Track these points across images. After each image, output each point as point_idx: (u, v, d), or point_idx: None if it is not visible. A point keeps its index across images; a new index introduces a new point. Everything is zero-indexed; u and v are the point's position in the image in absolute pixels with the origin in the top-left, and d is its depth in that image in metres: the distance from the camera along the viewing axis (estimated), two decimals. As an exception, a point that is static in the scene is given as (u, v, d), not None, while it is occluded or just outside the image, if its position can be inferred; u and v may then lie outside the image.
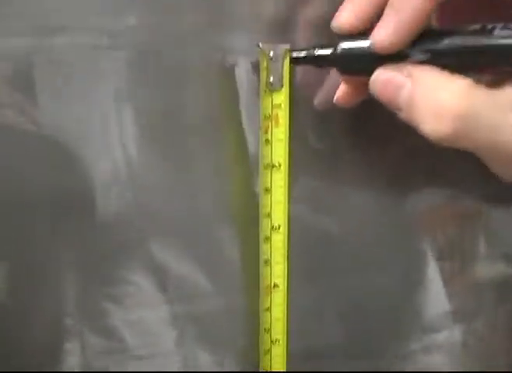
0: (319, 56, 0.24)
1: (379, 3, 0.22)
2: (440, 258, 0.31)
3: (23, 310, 0.26)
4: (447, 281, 0.32)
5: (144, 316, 0.27)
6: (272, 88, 0.24)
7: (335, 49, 0.23)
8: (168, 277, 0.27)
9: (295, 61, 0.25)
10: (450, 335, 0.32)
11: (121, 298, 0.27)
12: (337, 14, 0.23)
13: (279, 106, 0.25)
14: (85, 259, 0.26)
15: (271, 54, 0.24)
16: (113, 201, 0.26)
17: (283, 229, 0.26)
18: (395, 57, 0.22)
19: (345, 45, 0.23)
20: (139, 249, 0.27)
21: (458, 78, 0.22)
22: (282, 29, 0.26)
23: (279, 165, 0.25)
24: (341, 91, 0.25)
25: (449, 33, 0.22)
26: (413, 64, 0.22)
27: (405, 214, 0.30)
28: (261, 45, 0.24)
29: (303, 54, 0.24)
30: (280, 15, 0.26)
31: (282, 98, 0.25)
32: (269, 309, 0.27)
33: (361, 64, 0.23)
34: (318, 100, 0.27)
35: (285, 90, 0.25)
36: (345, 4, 0.23)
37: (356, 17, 0.23)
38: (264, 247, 0.26)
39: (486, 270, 0.32)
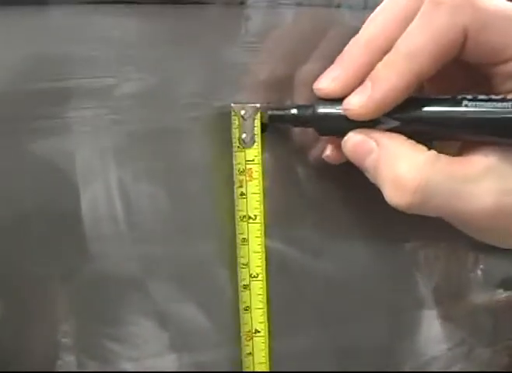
0: (296, 116, 0.25)
1: (362, 76, 0.23)
2: (437, 294, 0.32)
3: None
4: (444, 317, 0.33)
5: (145, 354, 0.28)
6: (245, 145, 0.26)
7: (313, 111, 0.24)
8: (168, 318, 0.27)
9: (272, 119, 0.25)
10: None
11: (122, 337, 0.27)
12: (320, 77, 0.24)
13: (253, 161, 0.26)
14: (85, 301, 0.26)
15: (243, 112, 0.25)
16: (111, 244, 0.26)
17: (262, 277, 0.27)
18: (368, 122, 0.23)
19: (322, 109, 0.24)
20: (139, 291, 0.27)
21: (421, 150, 0.23)
22: (280, 90, 0.27)
23: (255, 217, 0.26)
24: (329, 149, 0.26)
25: (420, 102, 0.23)
26: (383, 130, 0.23)
27: (399, 254, 0.31)
28: (233, 105, 0.25)
29: (280, 113, 0.25)
30: (278, 75, 0.26)
31: (255, 153, 0.26)
32: (252, 354, 0.28)
33: (336, 127, 0.24)
34: (313, 155, 0.28)
35: (258, 146, 0.26)
36: (330, 69, 0.24)
37: (337, 84, 0.24)
38: (243, 295, 0.27)
39: (485, 299, 0.33)
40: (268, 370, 0.28)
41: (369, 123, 0.23)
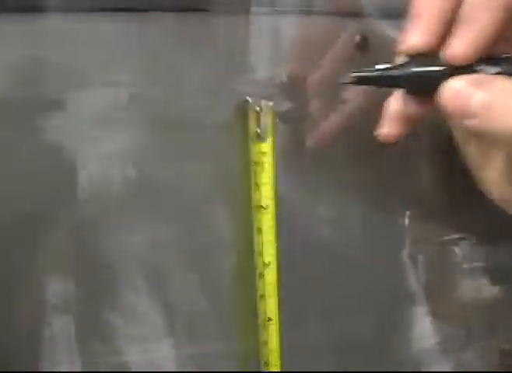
0: (386, 77, 0.24)
1: (447, 20, 0.23)
2: (427, 290, 0.32)
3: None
4: (434, 312, 0.33)
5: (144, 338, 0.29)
6: (259, 139, 0.28)
7: (405, 71, 0.23)
8: (170, 305, 0.29)
9: (357, 81, 0.24)
10: (441, 367, 0.33)
11: (124, 315, 0.28)
12: (405, 36, 0.24)
13: (265, 153, 0.28)
14: (89, 285, 0.27)
15: (258, 109, 0.28)
16: (118, 228, 0.27)
17: (273, 266, 0.28)
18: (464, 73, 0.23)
19: (416, 68, 0.23)
20: (143, 277, 0.28)
21: None
22: (286, 94, 0.28)
23: (267, 207, 0.28)
24: (386, 126, 0.25)
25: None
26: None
27: (391, 250, 0.32)
28: (249, 99, 0.28)
29: (366, 74, 0.24)
30: (283, 82, 0.28)
31: (268, 147, 0.28)
32: (266, 342, 0.29)
33: (430, 84, 0.23)
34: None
35: (270, 140, 0.28)
36: (412, 25, 0.24)
37: (426, 38, 0.23)
38: (259, 283, 0.29)
39: (474, 295, 0.33)
40: (279, 358, 0.29)
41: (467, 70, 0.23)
